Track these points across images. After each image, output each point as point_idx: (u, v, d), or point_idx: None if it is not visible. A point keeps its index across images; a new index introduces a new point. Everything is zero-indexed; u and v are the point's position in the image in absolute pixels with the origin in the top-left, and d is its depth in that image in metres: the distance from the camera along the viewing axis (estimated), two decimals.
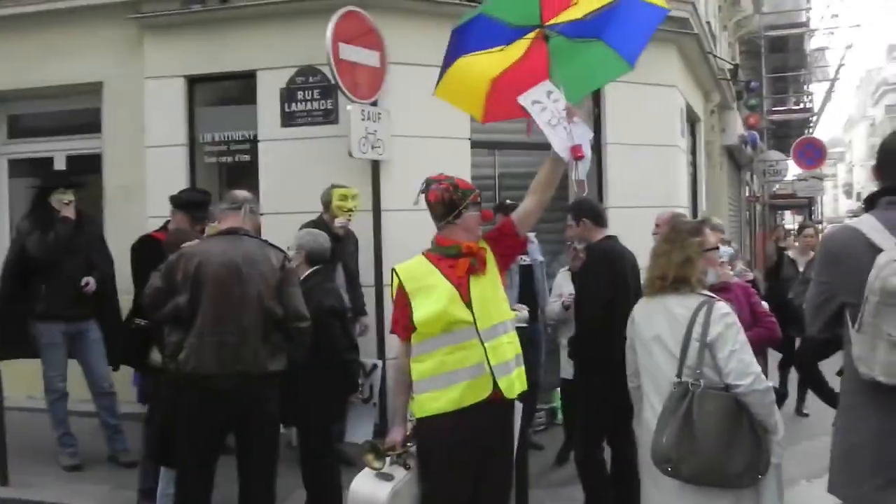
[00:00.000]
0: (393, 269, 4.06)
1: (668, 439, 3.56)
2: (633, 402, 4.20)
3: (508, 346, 4.03)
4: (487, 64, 4.38)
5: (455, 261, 3.97)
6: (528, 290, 7.01)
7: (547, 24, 4.19)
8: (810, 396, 8.45)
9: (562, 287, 6.86)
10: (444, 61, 4.43)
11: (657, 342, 3.79)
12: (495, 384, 3.90)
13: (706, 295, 3.78)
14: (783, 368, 9.01)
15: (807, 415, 8.68)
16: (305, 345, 4.81)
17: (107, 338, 6.83)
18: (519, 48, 4.33)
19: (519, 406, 4.23)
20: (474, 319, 3.92)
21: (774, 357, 7.97)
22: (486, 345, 3.92)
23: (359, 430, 7.11)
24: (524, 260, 6.99)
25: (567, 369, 6.56)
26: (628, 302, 5.20)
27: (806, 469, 6.41)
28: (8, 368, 6.48)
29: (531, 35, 4.28)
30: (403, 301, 3.98)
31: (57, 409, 6.81)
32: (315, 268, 5.42)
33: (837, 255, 3.14)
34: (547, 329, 7.24)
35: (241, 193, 5.07)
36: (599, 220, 5.56)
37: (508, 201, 6.67)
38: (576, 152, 3.98)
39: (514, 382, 4.01)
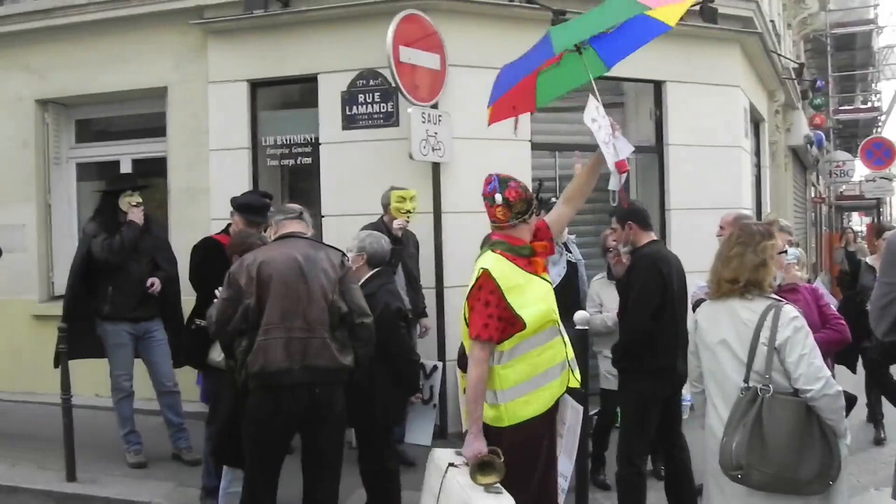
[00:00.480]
0: (483, 269, 3.89)
1: (738, 445, 3.49)
2: (698, 407, 4.12)
3: None
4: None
5: (527, 260, 4.00)
6: (570, 288, 6.86)
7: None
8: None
9: (600, 296, 6.68)
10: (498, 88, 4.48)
11: (723, 346, 3.71)
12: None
13: (773, 298, 3.70)
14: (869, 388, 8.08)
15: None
16: (370, 341, 4.84)
17: (170, 338, 6.93)
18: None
19: (580, 409, 4.22)
20: (558, 318, 4.03)
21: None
22: (565, 340, 4.06)
23: (419, 432, 7.15)
24: (570, 257, 6.89)
25: (608, 379, 6.41)
26: (674, 307, 5.14)
27: (874, 477, 6.29)
28: (76, 367, 6.61)
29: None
30: (497, 301, 3.84)
31: (123, 407, 6.93)
32: (376, 270, 5.44)
33: None
34: None
35: (296, 205, 5.17)
36: (645, 223, 5.43)
37: (553, 199, 6.56)
38: (621, 167, 3.99)
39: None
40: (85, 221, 7.68)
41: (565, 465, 5.44)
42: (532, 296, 3.92)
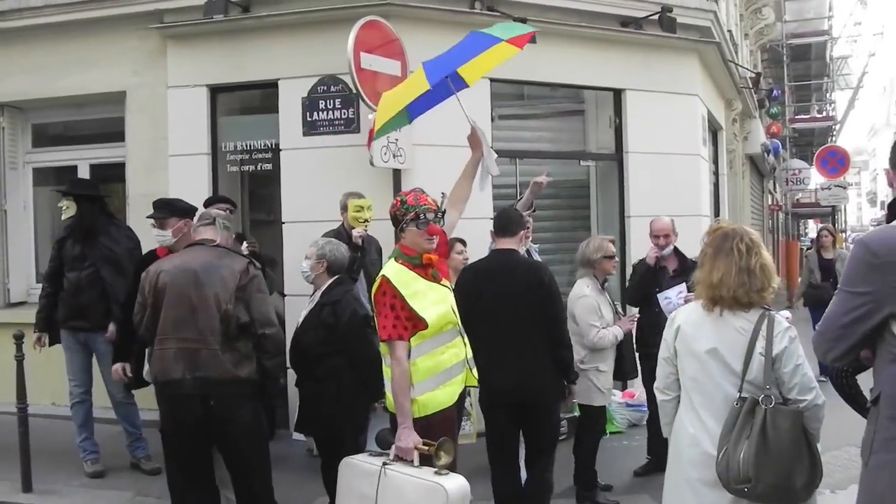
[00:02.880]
0: (383, 276, 4.23)
1: (745, 458, 3.40)
2: (662, 416, 4.00)
3: None
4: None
5: (422, 269, 4.34)
6: None
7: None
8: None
9: (601, 308, 6.74)
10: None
11: (713, 356, 3.60)
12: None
13: (763, 306, 3.63)
14: None
15: None
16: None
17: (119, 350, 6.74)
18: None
19: None
20: (458, 320, 4.44)
21: None
22: (465, 340, 4.44)
23: None
24: None
25: (601, 394, 6.30)
26: (487, 322, 5.05)
27: (830, 479, 6.36)
28: (32, 376, 6.50)
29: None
30: (401, 304, 4.17)
31: (75, 413, 6.82)
32: (336, 277, 5.42)
33: (885, 259, 2.76)
34: None
35: (214, 210, 5.23)
36: (501, 229, 5.46)
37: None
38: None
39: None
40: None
41: None
42: (432, 299, 4.27)
